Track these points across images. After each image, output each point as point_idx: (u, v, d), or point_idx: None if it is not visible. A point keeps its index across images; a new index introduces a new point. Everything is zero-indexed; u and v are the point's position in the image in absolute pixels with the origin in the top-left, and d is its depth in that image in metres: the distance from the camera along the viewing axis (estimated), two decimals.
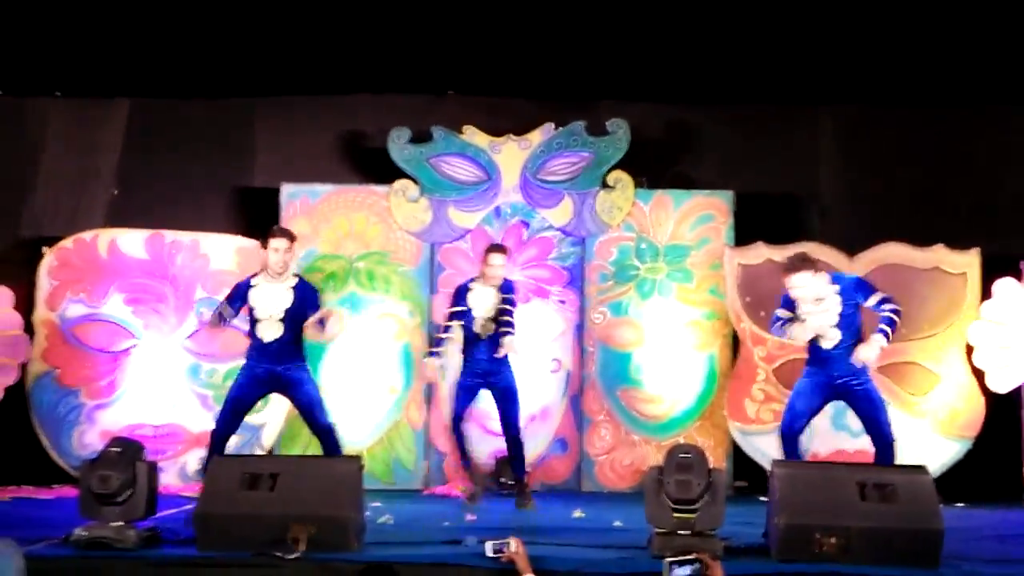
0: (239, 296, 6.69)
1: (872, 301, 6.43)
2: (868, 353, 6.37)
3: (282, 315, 6.57)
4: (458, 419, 7.60)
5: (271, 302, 6.59)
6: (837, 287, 6.42)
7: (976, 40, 8.29)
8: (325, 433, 6.67)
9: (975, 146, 8.90)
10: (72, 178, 9.09)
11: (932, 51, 8.44)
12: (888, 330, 6.39)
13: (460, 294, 7.57)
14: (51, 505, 7.45)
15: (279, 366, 6.59)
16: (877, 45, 8.44)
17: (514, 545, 4.86)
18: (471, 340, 7.50)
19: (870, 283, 6.59)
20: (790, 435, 6.50)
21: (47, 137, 9.13)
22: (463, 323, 7.49)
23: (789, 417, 6.52)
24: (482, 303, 7.44)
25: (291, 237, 6.79)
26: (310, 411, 6.69)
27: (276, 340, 6.55)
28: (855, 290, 6.45)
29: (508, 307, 7.44)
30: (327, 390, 8.37)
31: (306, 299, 6.66)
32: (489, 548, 4.90)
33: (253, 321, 6.63)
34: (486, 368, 7.45)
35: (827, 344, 6.39)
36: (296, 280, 6.69)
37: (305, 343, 6.76)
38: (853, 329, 6.41)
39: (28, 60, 8.73)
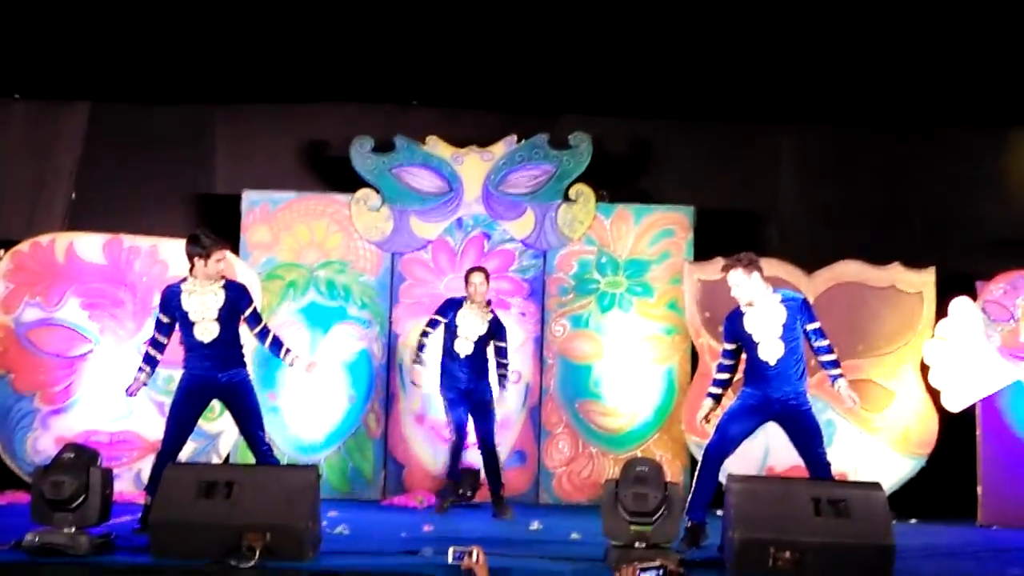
0: (170, 303, 6.59)
1: (812, 326, 6.37)
2: (848, 393, 6.35)
3: (216, 315, 6.51)
4: (461, 430, 7.70)
5: (203, 303, 6.53)
6: (780, 298, 6.37)
7: (934, 62, 8.39)
8: (260, 446, 6.52)
9: (932, 166, 9.00)
10: (30, 181, 9.01)
11: (891, 73, 8.54)
12: (834, 367, 6.40)
13: (450, 307, 7.70)
14: (3, 511, 7.36)
15: (220, 372, 6.50)
16: (838, 66, 8.52)
17: (475, 555, 4.87)
18: (450, 355, 7.66)
19: (813, 310, 6.49)
20: (717, 456, 6.34)
21: (5, 139, 9.03)
22: (444, 337, 7.68)
23: (718, 438, 6.34)
24: (471, 326, 7.65)
25: (227, 246, 6.77)
26: (248, 423, 6.55)
27: (214, 340, 6.49)
28: (802, 309, 6.37)
29: (504, 347, 7.78)
30: (286, 398, 8.39)
31: (238, 296, 6.61)
32: (451, 555, 4.92)
33: (188, 325, 6.56)
34: (466, 386, 7.64)
35: (769, 357, 6.28)
36: (223, 281, 6.63)
37: (242, 347, 6.69)
38: (796, 349, 6.32)
39: None
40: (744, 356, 6.47)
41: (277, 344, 6.70)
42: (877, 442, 8.27)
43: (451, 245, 8.77)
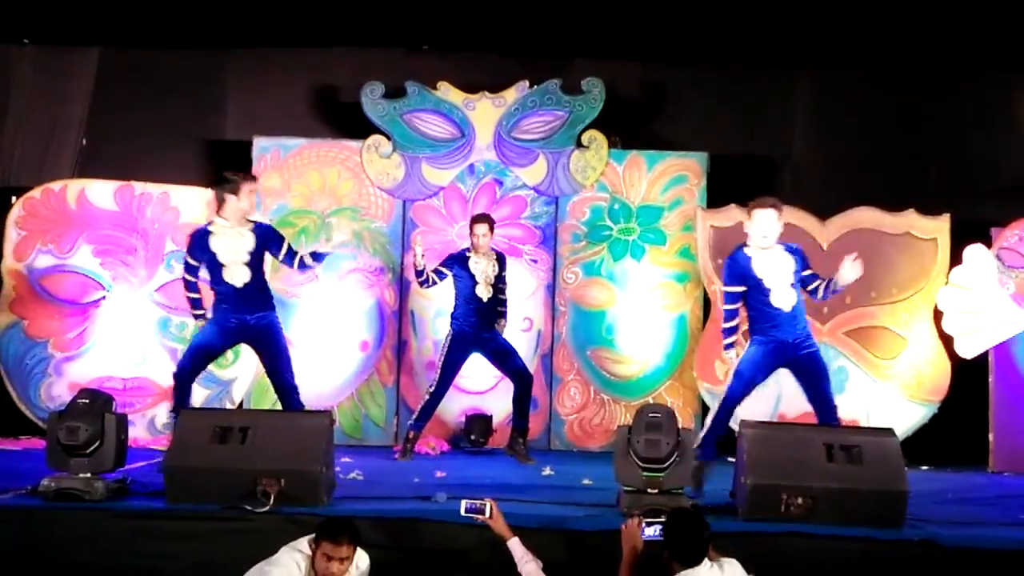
0: (199, 246, 6.61)
1: (807, 272, 6.50)
2: (851, 273, 6.41)
3: (247, 259, 6.51)
4: (446, 385, 7.75)
5: (234, 246, 6.52)
6: (783, 247, 6.48)
7: (950, 6, 8.29)
8: (289, 391, 6.61)
9: (948, 112, 8.92)
10: (41, 128, 8.97)
11: (907, 16, 8.43)
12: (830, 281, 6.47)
13: (455, 261, 7.72)
14: (18, 456, 7.42)
15: (250, 315, 6.53)
16: (853, 9, 8.42)
17: (489, 510, 4.87)
18: (470, 301, 7.67)
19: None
20: (733, 402, 6.46)
21: (15, 86, 8.98)
22: (458, 288, 7.70)
23: (736, 384, 6.44)
24: (486, 270, 7.69)
25: (256, 180, 6.75)
26: (277, 366, 6.62)
27: (246, 285, 6.49)
28: (803, 258, 6.52)
29: (503, 287, 7.79)
30: (297, 346, 8.40)
31: (269, 238, 6.60)
32: (463, 507, 4.92)
33: (218, 267, 6.55)
34: (477, 334, 7.67)
35: (784, 303, 6.37)
36: (251, 223, 6.61)
37: (270, 290, 6.70)
38: (799, 295, 6.47)
39: None
40: (747, 302, 6.50)
41: (318, 257, 6.75)
42: (890, 389, 8.27)
43: (463, 192, 8.73)
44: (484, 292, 7.67)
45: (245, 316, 6.54)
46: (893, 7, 8.37)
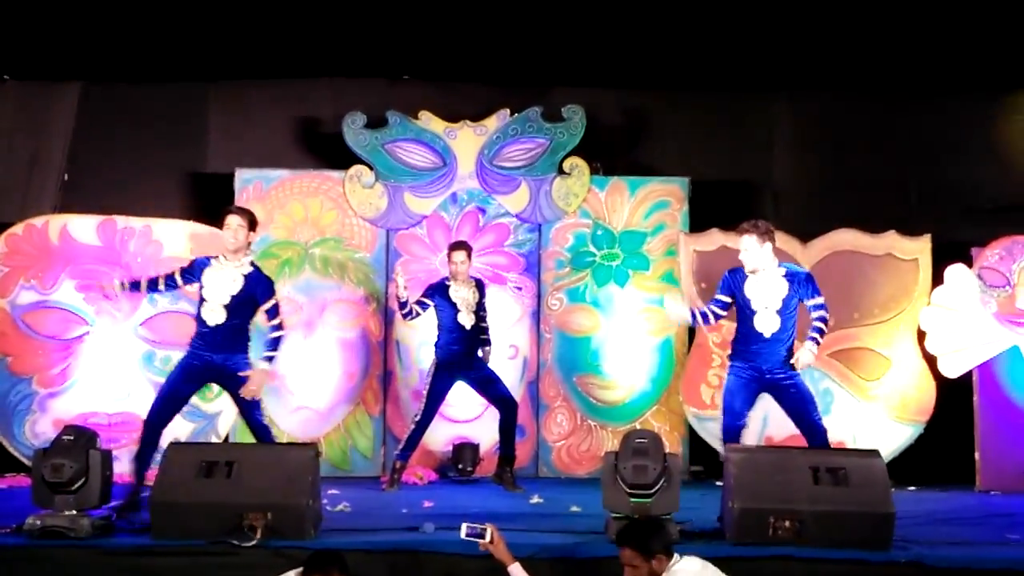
0: (193, 271, 6.54)
1: (813, 301, 6.39)
2: (807, 358, 6.32)
3: (227, 300, 6.44)
4: (431, 415, 7.73)
5: (220, 285, 6.46)
6: (784, 272, 6.40)
7: (928, 28, 8.36)
8: (260, 431, 6.55)
9: (927, 133, 8.99)
10: (22, 163, 8.98)
11: (885, 39, 8.51)
12: (819, 338, 6.37)
13: (435, 291, 7.72)
14: (3, 494, 7.37)
15: (218, 355, 6.44)
16: (831, 34, 8.49)
17: (489, 535, 4.83)
18: (452, 330, 7.67)
19: (817, 284, 6.50)
20: (735, 432, 6.41)
21: None
22: (440, 317, 7.72)
23: (730, 418, 6.41)
24: (467, 298, 7.72)
25: (247, 216, 6.55)
26: (248, 407, 6.55)
27: (218, 326, 6.43)
28: (806, 283, 6.41)
29: (484, 315, 7.82)
30: (284, 377, 8.38)
31: (257, 288, 6.53)
32: (463, 531, 4.88)
33: (200, 300, 6.52)
34: (461, 361, 7.68)
35: (765, 329, 6.31)
36: (251, 269, 6.57)
37: (250, 335, 6.64)
38: (789, 324, 6.36)
39: None
40: (735, 323, 6.49)
41: (274, 345, 6.57)
42: (875, 410, 8.29)
43: (446, 220, 8.75)
44: (466, 320, 7.69)
45: (212, 356, 6.44)
46: (871, 30, 8.45)
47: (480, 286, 7.86)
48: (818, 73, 8.82)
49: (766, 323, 6.34)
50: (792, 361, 6.33)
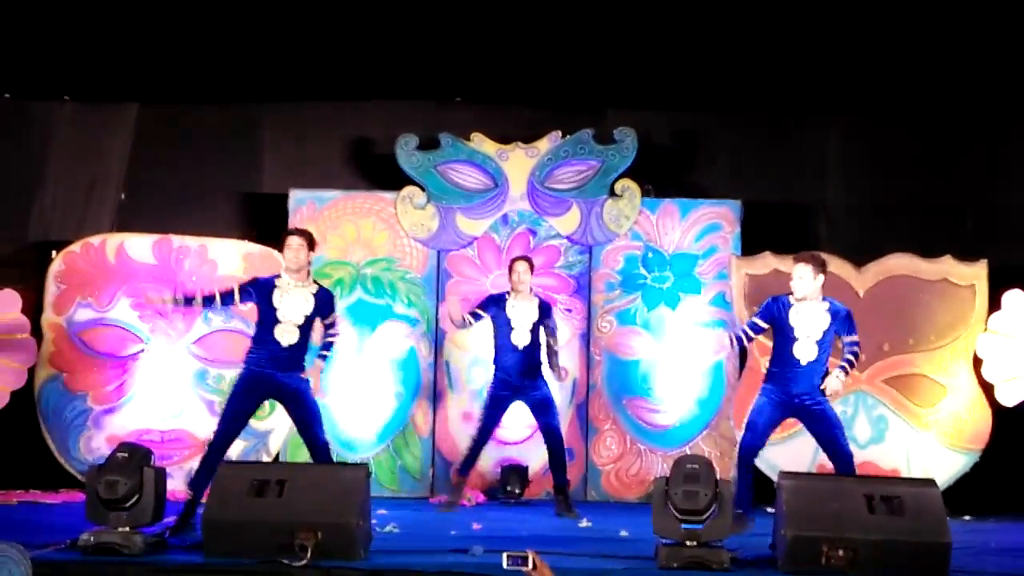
0: (257, 290, 6.55)
1: (849, 339, 6.62)
2: (836, 385, 6.54)
3: (301, 321, 6.52)
4: (487, 433, 7.66)
5: (294, 306, 6.52)
6: (828, 306, 6.59)
7: (984, 53, 8.28)
8: (322, 450, 6.57)
9: (981, 157, 8.91)
10: (80, 182, 9.11)
11: (940, 62, 8.43)
12: (848, 369, 6.60)
13: (492, 303, 7.64)
14: (58, 510, 7.47)
15: (282, 373, 6.48)
16: (886, 56, 8.43)
17: (532, 562, 4.78)
18: (507, 350, 7.56)
19: (855, 323, 6.67)
20: (751, 453, 6.62)
21: (55, 141, 9.13)
22: (495, 334, 7.61)
23: (750, 436, 6.63)
24: (524, 315, 7.59)
25: (307, 236, 6.65)
26: (310, 426, 6.54)
27: (292, 346, 6.50)
28: (846, 320, 6.62)
29: (552, 336, 7.65)
30: (333, 397, 8.42)
31: (324, 305, 6.64)
32: (504, 561, 4.84)
33: (270, 323, 6.54)
34: (519, 382, 7.56)
35: (802, 356, 6.51)
36: (317, 287, 6.66)
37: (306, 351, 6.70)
38: (824, 357, 6.58)
39: (36, 64, 8.72)
40: (772, 346, 6.69)
41: (328, 346, 6.74)
42: (930, 437, 8.18)
43: (497, 242, 8.77)
44: (520, 339, 7.56)
45: (276, 372, 6.48)
46: (926, 53, 8.37)
47: (544, 307, 7.69)
48: (872, 95, 8.76)
49: (805, 351, 6.54)
50: (821, 387, 6.54)
